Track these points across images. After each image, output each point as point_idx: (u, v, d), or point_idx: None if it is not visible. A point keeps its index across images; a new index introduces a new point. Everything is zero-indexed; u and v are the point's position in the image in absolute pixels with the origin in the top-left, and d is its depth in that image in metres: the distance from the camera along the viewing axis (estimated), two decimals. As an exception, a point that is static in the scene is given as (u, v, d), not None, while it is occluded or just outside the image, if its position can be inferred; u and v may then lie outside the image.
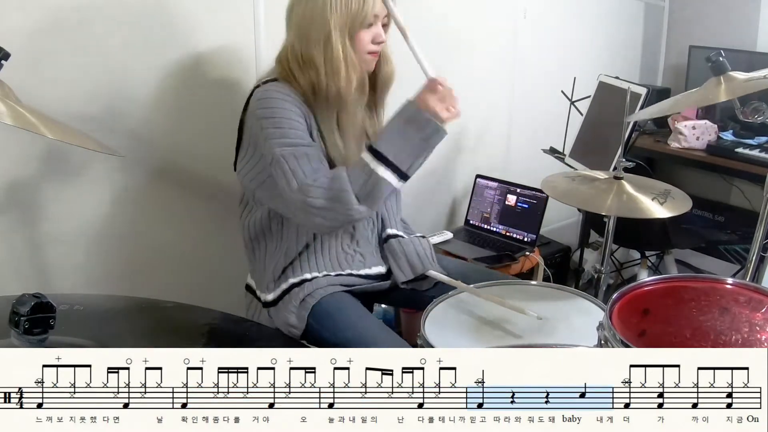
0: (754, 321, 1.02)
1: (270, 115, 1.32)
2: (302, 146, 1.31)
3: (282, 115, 1.32)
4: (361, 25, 1.32)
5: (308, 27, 1.32)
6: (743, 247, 2.91)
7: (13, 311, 0.81)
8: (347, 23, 1.31)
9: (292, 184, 1.29)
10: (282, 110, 1.32)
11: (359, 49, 1.34)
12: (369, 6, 1.31)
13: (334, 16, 1.30)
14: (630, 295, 1.06)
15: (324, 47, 1.31)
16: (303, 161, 1.30)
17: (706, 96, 1.42)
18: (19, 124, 1.03)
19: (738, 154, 2.59)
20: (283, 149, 1.30)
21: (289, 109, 1.32)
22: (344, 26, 1.31)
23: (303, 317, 1.40)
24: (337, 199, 1.28)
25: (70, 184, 1.58)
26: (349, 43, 1.32)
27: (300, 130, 1.32)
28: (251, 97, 1.38)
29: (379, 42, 1.36)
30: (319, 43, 1.32)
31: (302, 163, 1.30)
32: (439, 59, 2.28)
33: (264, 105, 1.33)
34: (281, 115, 1.32)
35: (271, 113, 1.32)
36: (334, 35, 1.30)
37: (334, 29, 1.30)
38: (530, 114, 2.67)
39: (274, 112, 1.32)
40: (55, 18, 1.45)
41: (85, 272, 1.64)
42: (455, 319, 1.34)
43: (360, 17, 1.31)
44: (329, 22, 1.30)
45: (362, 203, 1.29)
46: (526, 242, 2.32)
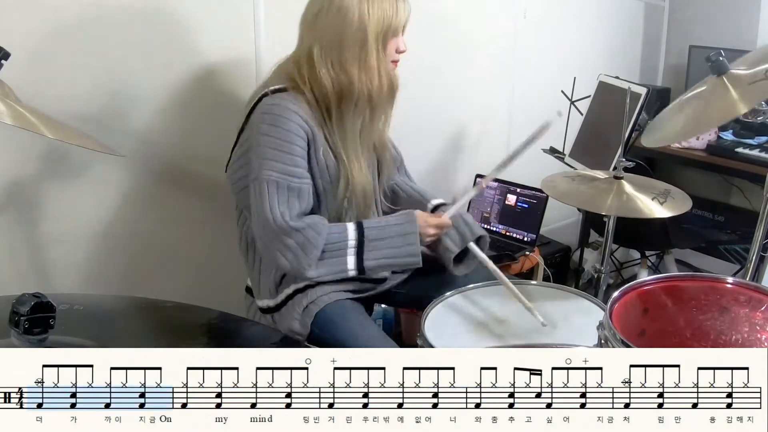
0: (754, 320, 1.02)
1: (272, 133, 1.30)
2: (295, 178, 1.30)
3: (284, 137, 1.30)
4: (394, 33, 1.33)
5: (342, 32, 1.30)
6: (743, 247, 2.91)
7: (13, 311, 0.81)
8: (382, 30, 1.31)
9: (273, 213, 1.29)
10: (286, 132, 1.30)
11: (388, 57, 1.35)
12: (402, 15, 1.32)
13: (372, 22, 1.30)
14: (630, 294, 1.06)
15: (360, 53, 1.31)
16: (292, 195, 1.30)
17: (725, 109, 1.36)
18: (19, 124, 1.03)
19: (738, 154, 2.59)
20: (271, 174, 1.29)
21: (293, 132, 1.30)
22: (379, 33, 1.31)
23: (306, 324, 1.40)
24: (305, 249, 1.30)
25: (70, 184, 1.57)
26: (382, 50, 1.33)
27: (298, 156, 1.31)
28: (257, 105, 1.35)
29: (400, 51, 1.37)
30: (354, 49, 1.31)
31: (290, 197, 1.30)
32: (439, 59, 2.31)
33: (269, 121, 1.31)
34: (283, 138, 1.30)
35: (274, 132, 1.30)
36: (371, 41, 1.31)
37: (371, 35, 1.30)
38: (530, 114, 2.66)
39: (277, 132, 1.30)
40: (55, 18, 1.45)
41: (85, 272, 1.64)
42: (455, 319, 1.34)
43: (393, 26, 1.32)
44: (367, 28, 1.30)
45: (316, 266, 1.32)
46: (526, 242, 2.32)
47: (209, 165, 1.75)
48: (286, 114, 1.30)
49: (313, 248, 1.30)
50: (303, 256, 1.30)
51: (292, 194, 1.30)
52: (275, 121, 1.30)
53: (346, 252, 1.34)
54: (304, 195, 1.32)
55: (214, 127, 1.71)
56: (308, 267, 1.31)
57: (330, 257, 1.33)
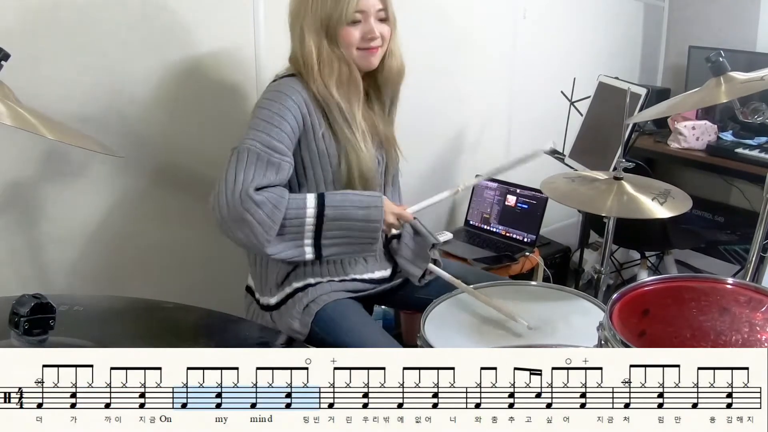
0: (754, 321, 1.02)
1: (268, 106, 1.31)
2: (276, 153, 1.28)
3: (278, 111, 1.30)
4: (339, 22, 1.33)
5: (290, 27, 1.37)
6: (743, 247, 2.91)
7: (13, 312, 0.81)
8: (322, 22, 1.32)
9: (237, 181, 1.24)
10: (281, 107, 1.30)
11: (345, 47, 1.35)
12: (344, 4, 1.31)
13: (307, 17, 1.33)
14: (630, 295, 1.06)
15: (301, 47, 1.35)
16: (270, 169, 1.27)
17: (705, 97, 1.42)
18: (19, 125, 1.03)
19: (738, 154, 2.59)
20: (255, 143, 1.27)
21: (288, 108, 1.31)
22: (319, 25, 1.33)
23: (306, 323, 1.39)
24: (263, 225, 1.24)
25: (70, 185, 1.58)
26: (327, 41, 1.34)
27: (286, 133, 1.30)
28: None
29: (370, 38, 1.36)
30: (297, 43, 1.36)
31: (268, 170, 1.27)
32: (439, 59, 2.31)
33: (267, 96, 1.34)
34: (277, 111, 1.30)
35: (270, 105, 1.31)
36: (308, 35, 1.33)
37: (307, 29, 1.33)
38: (530, 114, 2.67)
39: (272, 105, 1.31)
40: (55, 18, 1.45)
41: (85, 272, 1.64)
42: (455, 319, 1.34)
43: (336, 15, 1.32)
44: (302, 22, 1.33)
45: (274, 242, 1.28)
46: (526, 243, 2.32)
47: (210, 165, 1.74)
48: (287, 91, 1.33)
49: (272, 223, 1.26)
50: (261, 233, 1.25)
51: (271, 168, 1.27)
52: (273, 96, 1.32)
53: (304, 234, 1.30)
54: (283, 172, 1.30)
55: (215, 127, 1.71)
56: (266, 243, 1.27)
57: (288, 233, 1.29)
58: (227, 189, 1.24)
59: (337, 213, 1.32)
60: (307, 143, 1.35)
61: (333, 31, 1.33)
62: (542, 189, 1.58)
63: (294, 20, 1.37)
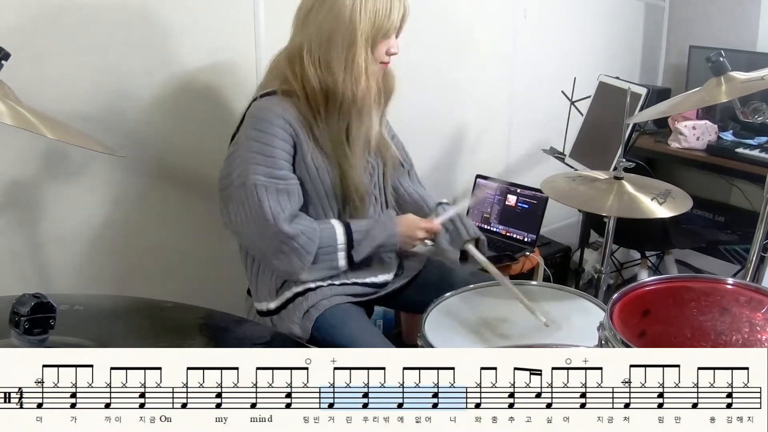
0: (755, 321, 1.02)
1: (257, 138, 1.31)
2: (281, 180, 1.32)
3: (268, 141, 1.31)
4: (385, 35, 1.32)
5: (332, 31, 1.29)
6: (743, 247, 2.91)
7: (13, 311, 0.81)
8: (372, 31, 1.30)
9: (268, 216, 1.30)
10: (270, 137, 1.31)
11: (376, 59, 1.34)
12: (395, 16, 1.31)
13: (362, 23, 1.28)
14: (630, 295, 1.06)
15: (347, 53, 1.30)
16: (282, 197, 1.32)
17: (706, 97, 1.42)
18: (19, 124, 1.03)
19: (738, 154, 2.59)
20: (259, 177, 1.30)
21: (278, 136, 1.31)
22: (369, 34, 1.30)
23: (307, 328, 1.39)
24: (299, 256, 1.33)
25: (70, 184, 1.58)
26: (371, 51, 1.32)
27: (282, 159, 1.32)
28: (248, 111, 1.37)
29: (391, 54, 1.36)
30: (341, 49, 1.30)
31: (280, 198, 1.32)
32: (439, 59, 2.31)
33: (256, 126, 1.33)
34: (267, 142, 1.31)
35: (259, 136, 1.31)
36: (360, 42, 1.29)
37: (360, 36, 1.29)
38: (530, 114, 2.67)
39: (261, 137, 1.31)
40: (55, 18, 1.45)
41: (85, 272, 1.64)
42: (455, 320, 1.34)
43: (385, 27, 1.31)
44: (357, 29, 1.28)
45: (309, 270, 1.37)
46: (527, 242, 2.32)
47: (210, 165, 1.74)
48: (271, 118, 1.32)
49: (307, 254, 1.34)
50: (297, 263, 1.34)
51: (282, 196, 1.32)
52: (260, 125, 1.32)
53: (337, 256, 1.38)
54: (293, 195, 1.34)
55: (215, 127, 1.71)
56: (301, 271, 1.35)
57: (322, 261, 1.37)
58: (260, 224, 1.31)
59: (363, 235, 1.40)
60: (301, 157, 1.36)
61: (376, 41, 1.32)
62: (542, 188, 1.58)
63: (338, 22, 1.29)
